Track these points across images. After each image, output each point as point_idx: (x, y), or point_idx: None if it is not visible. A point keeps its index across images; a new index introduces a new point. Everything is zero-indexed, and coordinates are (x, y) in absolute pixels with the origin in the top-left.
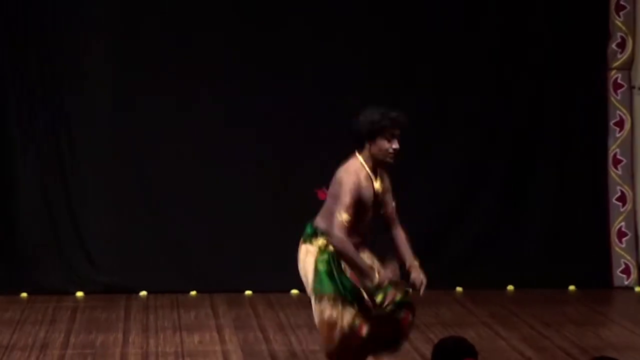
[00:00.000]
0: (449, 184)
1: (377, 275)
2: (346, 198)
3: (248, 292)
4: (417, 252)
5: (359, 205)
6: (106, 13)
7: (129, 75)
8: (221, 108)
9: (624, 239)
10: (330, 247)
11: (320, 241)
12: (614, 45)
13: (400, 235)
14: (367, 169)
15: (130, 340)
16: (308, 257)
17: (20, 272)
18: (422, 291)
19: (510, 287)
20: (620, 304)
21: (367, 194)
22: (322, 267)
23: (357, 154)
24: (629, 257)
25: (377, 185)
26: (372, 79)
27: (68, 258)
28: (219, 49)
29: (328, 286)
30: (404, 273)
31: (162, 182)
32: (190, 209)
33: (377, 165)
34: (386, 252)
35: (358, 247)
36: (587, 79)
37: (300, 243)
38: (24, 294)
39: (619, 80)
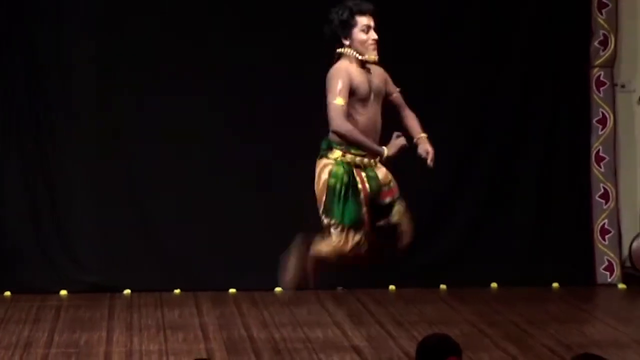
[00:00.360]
0: (432, 183)
1: (385, 151)
2: (337, 85)
3: (232, 291)
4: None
5: (355, 94)
6: (91, 11)
7: (114, 74)
8: (206, 107)
9: (607, 236)
10: (347, 157)
11: (336, 153)
12: (596, 43)
13: (409, 115)
14: (356, 65)
15: (114, 338)
16: (323, 171)
17: (4, 271)
18: (430, 161)
19: (494, 285)
20: (603, 301)
21: (360, 82)
22: (332, 182)
23: (341, 57)
24: (612, 255)
25: (369, 76)
26: None
27: (52, 257)
28: (205, 47)
29: (335, 212)
30: (413, 146)
31: (146, 181)
32: (174, 207)
33: (362, 62)
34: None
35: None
36: (569, 77)
37: (317, 160)
38: (8, 293)
39: (601, 78)
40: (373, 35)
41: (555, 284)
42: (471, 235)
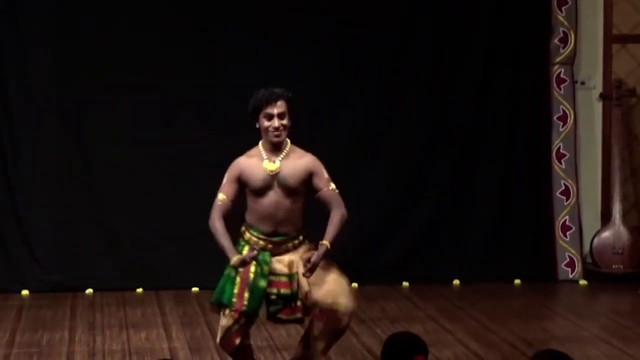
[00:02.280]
0: (393, 180)
1: (234, 257)
2: (224, 179)
3: (195, 289)
4: (362, 248)
5: (247, 185)
6: (49, 17)
7: (72, 74)
8: (167, 105)
9: (568, 233)
10: (246, 235)
11: (242, 228)
12: (556, 40)
13: (332, 217)
14: (263, 151)
15: (76, 338)
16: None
17: None
18: (303, 270)
19: (456, 282)
20: (565, 297)
21: (252, 173)
22: (226, 272)
23: (260, 140)
24: (573, 251)
25: (269, 166)
26: (316, 75)
27: (13, 257)
28: (164, 48)
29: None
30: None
31: (107, 181)
32: (135, 206)
33: (274, 146)
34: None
35: (271, 234)
36: (530, 74)
37: None
38: None
39: (561, 75)
40: (275, 123)
41: (517, 281)
42: (433, 232)
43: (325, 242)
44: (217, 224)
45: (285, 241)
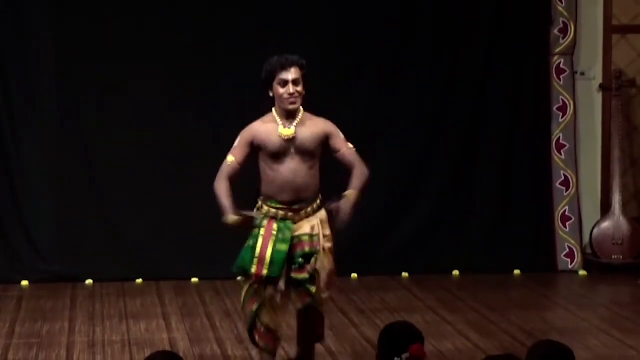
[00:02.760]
0: (393, 171)
1: (229, 216)
2: (236, 141)
3: (194, 280)
4: (362, 239)
5: (262, 150)
6: (50, 9)
7: (74, 64)
8: (169, 96)
9: (567, 223)
10: (264, 209)
11: (259, 202)
12: (556, 31)
13: (355, 172)
14: (278, 118)
15: (76, 328)
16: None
17: None
18: (337, 215)
19: (455, 272)
20: (564, 288)
21: (268, 138)
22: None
23: (273, 107)
24: (573, 242)
25: (285, 131)
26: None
27: (13, 247)
28: (167, 38)
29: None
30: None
31: (107, 171)
32: (135, 196)
33: (288, 113)
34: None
35: (290, 202)
36: (530, 65)
37: None
38: None
39: (561, 66)
40: (290, 89)
41: (516, 271)
42: (433, 223)
43: (351, 191)
44: (222, 184)
45: (305, 207)
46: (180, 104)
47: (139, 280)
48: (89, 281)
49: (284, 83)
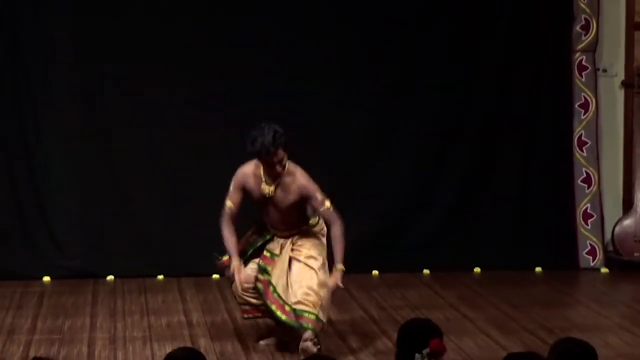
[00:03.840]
0: (414, 168)
1: (234, 262)
2: (231, 186)
3: (215, 276)
4: (383, 235)
5: (251, 196)
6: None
7: (96, 59)
8: (189, 92)
9: (589, 221)
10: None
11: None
12: (578, 28)
13: (334, 236)
14: (262, 173)
15: (97, 324)
16: None
17: None
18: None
19: (477, 269)
20: (586, 285)
21: (253, 189)
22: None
23: None
24: (594, 239)
25: (266, 188)
26: (337, 69)
27: (35, 243)
28: (189, 33)
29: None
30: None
31: (129, 167)
32: (157, 193)
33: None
34: None
35: (277, 229)
36: (551, 62)
37: None
38: None
39: (583, 63)
40: (276, 169)
41: (538, 268)
42: (454, 219)
43: (340, 266)
44: (224, 231)
45: (292, 234)
46: (203, 101)
47: (160, 277)
48: (111, 277)
49: (270, 164)
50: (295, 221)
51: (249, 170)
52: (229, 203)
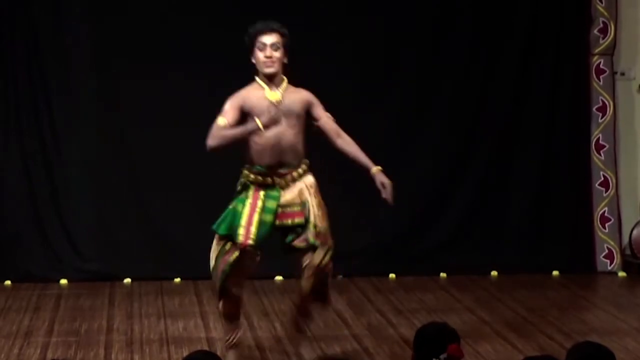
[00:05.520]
0: (431, 172)
1: (257, 120)
2: (226, 105)
3: None
4: (400, 239)
5: (250, 115)
6: (90, 5)
7: (114, 63)
8: (207, 93)
9: (607, 224)
10: (250, 176)
11: (245, 171)
12: (596, 31)
13: (348, 144)
14: (263, 83)
15: (114, 327)
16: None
17: (4, 259)
18: (390, 197)
19: (494, 273)
20: (603, 289)
21: (257, 102)
22: (236, 197)
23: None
24: (612, 242)
25: (271, 95)
26: (357, 67)
27: (52, 246)
28: (206, 34)
29: (219, 219)
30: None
31: (146, 170)
32: (174, 195)
33: (269, 78)
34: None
35: (276, 165)
36: (569, 65)
37: None
38: (8, 282)
39: (601, 66)
40: (267, 52)
41: (555, 272)
42: (471, 223)
43: (376, 168)
44: (219, 133)
45: (291, 171)
46: (221, 101)
47: (177, 279)
48: (128, 280)
49: (263, 46)
50: (298, 150)
51: (245, 91)
52: (221, 120)
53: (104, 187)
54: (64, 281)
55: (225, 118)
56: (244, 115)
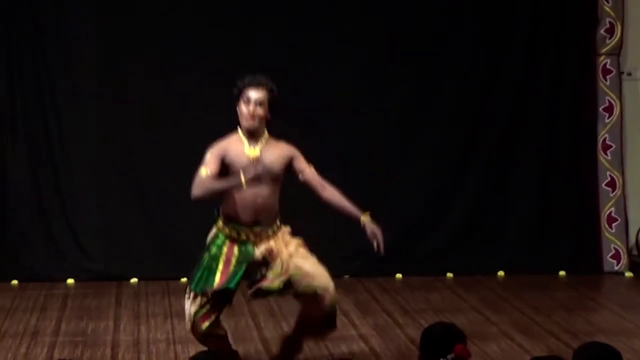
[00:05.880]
0: (437, 170)
1: (241, 176)
2: (207, 156)
3: None
4: (406, 239)
5: (229, 169)
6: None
7: (118, 63)
8: (211, 94)
9: (614, 224)
10: (225, 230)
11: (219, 223)
12: (602, 31)
13: (334, 195)
14: (243, 137)
15: (121, 327)
16: (210, 237)
17: (11, 259)
18: (382, 246)
19: (500, 273)
20: (610, 289)
21: (237, 157)
22: (208, 250)
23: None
24: (619, 243)
25: (251, 151)
26: (356, 72)
27: (59, 245)
28: (209, 34)
29: (193, 276)
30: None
31: (152, 170)
32: (180, 195)
33: (249, 134)
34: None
35: (251, 223)
36: (576, 65)
37: None
38: (15, 282)
39: (608, 66)
40: (250, 107)
41: (562, 272)
42: (477, 223)
43: (366, 215)
44: (204, 185)
45: (265, 229)
46: (225, 102)
47: (184, 279)
48: (134, 280)
49: (247, 101)
50: (273, 209)
51: (225, 142)
52: (204, 170)
53: (110, 187)
54: (70, 281)
55: (208, 168)
56: (225, 167)
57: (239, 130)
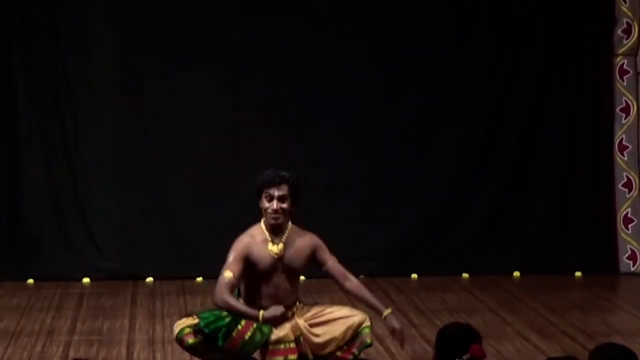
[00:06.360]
0: (453, 171)
1: (260, 315)
2: (230, 257)
3: None
4: (422, 239)
5: (253, 267)
6: (111, 3)
7: (134, 63)
8: (228, 94)
9: (630, 225)
10: None
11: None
12: (619, 31)
13: (356, 287)
14: (267, 232)
15: (136, 326)
16: None
17: (27, 258)
18: (401, 342)
19: (516, 273)
20: (626, 290)
21: (260, 256)
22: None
23: (262, 218)
24: (635, 243)
25: (274, 248)
26: (373, 70)
27: (74, 245)
28: (223, 34)
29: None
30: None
31: (168, 169)
32: (196, 195)
33: (273, 228)
34: None
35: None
36: (593, 65)
37: None
38: (31, 281)
39: (624, 66)
40: (274, 205)
41: (577, 273)
42: (493, 223)
43: (388, 310)
44: (228, 298)
45: (285, 312)
46: (242, 102)
47: (199, 279)
48: (150, 279)
49: (270, 198)
50: (294, 293)
51: (251, 236)
52: (227, 273)
53: (126, 187)
54: (86, 280)
55: (231, 271)
56: (249, 265)
57: (262, 223)
